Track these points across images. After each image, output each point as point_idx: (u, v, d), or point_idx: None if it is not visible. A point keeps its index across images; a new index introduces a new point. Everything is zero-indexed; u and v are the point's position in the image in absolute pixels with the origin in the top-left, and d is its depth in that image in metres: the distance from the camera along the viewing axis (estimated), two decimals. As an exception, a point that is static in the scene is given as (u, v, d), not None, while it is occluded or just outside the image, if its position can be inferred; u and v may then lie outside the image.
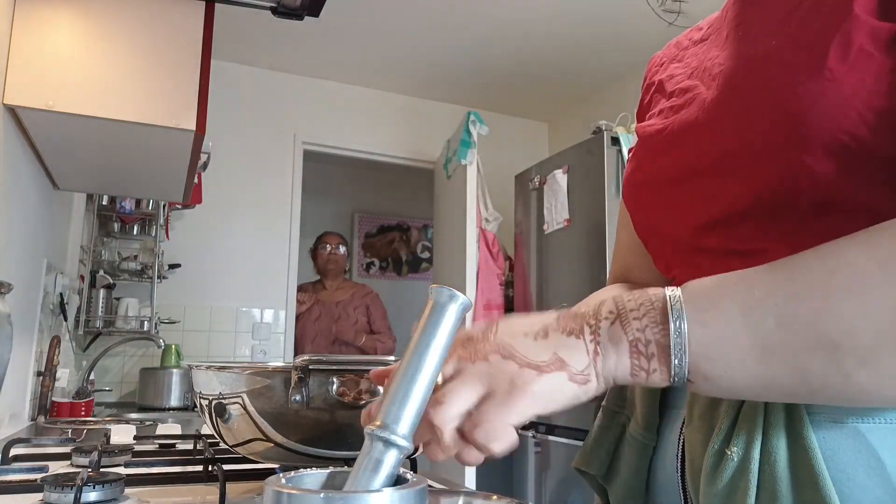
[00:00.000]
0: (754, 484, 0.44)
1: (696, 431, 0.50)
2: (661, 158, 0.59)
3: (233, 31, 3.09)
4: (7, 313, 0.90)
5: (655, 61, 0.71)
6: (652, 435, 0.57)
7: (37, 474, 0.84)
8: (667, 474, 0.55)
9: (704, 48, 0.62)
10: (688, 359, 0.41)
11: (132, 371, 3.12)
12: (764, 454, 0.45)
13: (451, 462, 0.43)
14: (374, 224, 5.30)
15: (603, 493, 0.62)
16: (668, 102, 0.61)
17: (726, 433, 0.47)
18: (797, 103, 0.45)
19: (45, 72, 1.31)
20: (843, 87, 0.43)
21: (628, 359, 0.43)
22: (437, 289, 0.42)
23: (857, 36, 0.43)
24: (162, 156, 1.58)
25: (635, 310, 0.43)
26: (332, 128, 3.71)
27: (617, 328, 0.43)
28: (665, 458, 0.56)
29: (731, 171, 0.50)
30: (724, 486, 0.46)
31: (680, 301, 0.42)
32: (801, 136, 0.45)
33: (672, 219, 0.56)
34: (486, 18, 3.05)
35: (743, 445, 0.46)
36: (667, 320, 0.41)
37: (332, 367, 0.65)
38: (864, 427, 0.44)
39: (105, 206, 2.85)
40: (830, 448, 0.44)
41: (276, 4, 1.40)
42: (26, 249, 1.60)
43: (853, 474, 0.43)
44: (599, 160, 2.60)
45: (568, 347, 0.43)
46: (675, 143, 0.57)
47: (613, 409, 0.62)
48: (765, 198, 0.48)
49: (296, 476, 0.40)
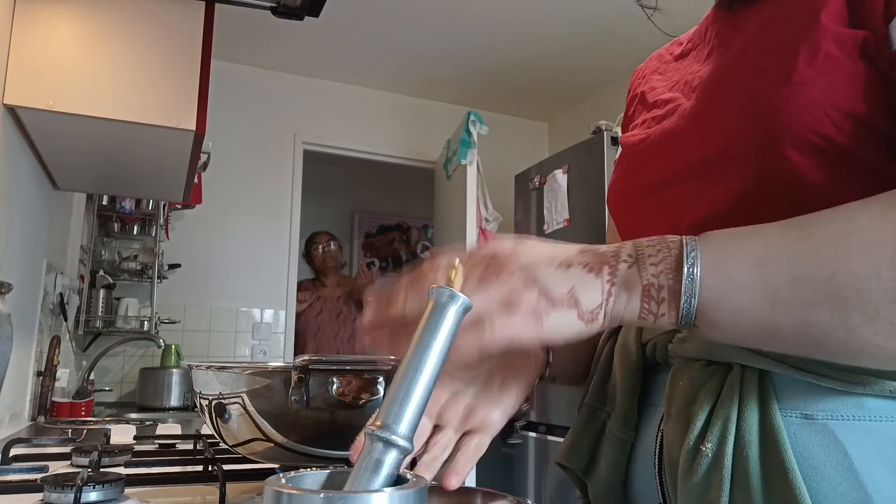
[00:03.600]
0: (728, 479, 0.45)
1: (673, 428, 0.51)
2: (644, 167, 0.61)
3: (233, 31, 3.09)
4: (7, 313, 0.90)
5: (638, 74, 0.75)
6: (631, 431, 0.58)
7: (37, 474, 0.84)
8: (645, 470, 0.56)
9: (686, 63, 0.65)
10: (696, 304, 0.42)
11: (132, 371, 3.12)
12: (737, 449, 0.46)
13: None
14: (374, 224, 5.30)
15: (583, 487, 0.63)
16: (649, 114, 0.65)
17: (701, 429, 0.48)
18: (769, 107, 0.48)
19: (45, 72, 1.31)
20: (812, 91, 0.46)
21: (639, 302, 0.44)
22: (438, 289, 0.42)
23: (824, 42, 0.46)
24: (162, 156, 1.58)
25: (653, 255, 0.44)
26: (332, 128, 3.71)
27: (633, 271, 0.44)
28: (644, 455, 0.56)
29: (710, 176, 0.53)
30: (699, 481, 0.46)
31: (696, 248, 0.43)
32: (774, 138, 0.47)
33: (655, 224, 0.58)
34: (486, 19, 3.05)
35: (716, 441, 0.47)
36: (681, 266, 0.42)
37: (332, 367, 0.66)
38: (833, 424, 0.45)
39: (105, 206, 2.86)
40: (801, 443, 0.45)
41: (276, 4, 1.40)
42: (26, 249, 1.60)
43: (822, 469, 0.44)
44: (599, 160, 2.60)
45: (585, 284, 0.44)
46: (656, 151, 0.60)
47: (594, 406, 0.63)
48: (743, 199, 0.50)
49: (296, 476, 0.40)
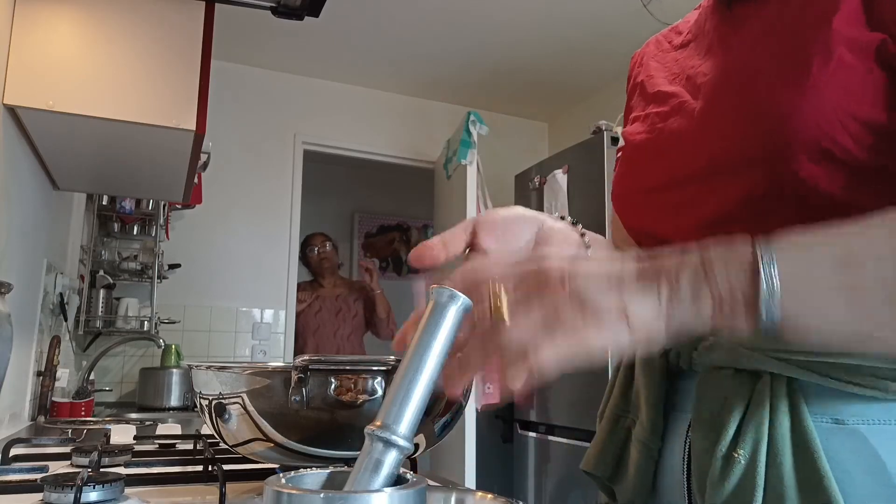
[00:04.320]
0: (761, 486, 0.45)
1: (702, 435, 0.50)
2: (650, 166, 0.61)
3: (233, 31, 3.09)
4: (7, 313, 0.90)
5: (636, 59, 0.73)
6: (657, 439, 0.57)
7: (37, 474, 0.84)
8: (673, 477, 0.55)
9: (685, 55, 0.65)
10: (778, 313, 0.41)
11: (132, 371, 3.12)
12: (770, 456, 0.46)
13: (452, 462, 0.43)
14: (374, 224, 5.30)
15: (610, 493, 0.62)
16: (651, 108, 0.64)
17: (733, 437, 0.48)
18: (780, 113, 0.47)
19: (45, 72, 1.31)
20: (825, 98, 0.46)
21: (710, 312, 0.42)
22: (438, 289, 0.42)
23: (836, 47, 0.46)
24: (162, 156, 1.58)
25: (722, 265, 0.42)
26: (332, 128, 3.71)
27: (701, 282, 0.42)
28: (671, 461, 0.56)
29: (719, 178, 0.52)
30: (731, 488, 0.46)
31: (772, 254, 0.41)
32: (784, 143, 0.47)
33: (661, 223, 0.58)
34: (486, 19, 3.05)
35: (750, 448, 0.46)
36: (757, 274, 0.41)
37: (331, 367, 0.66)
38: (865, 428, 0.45)
39: (105, 206, 2.86)
40: (831, 448, 0.45)
41: (276, 4, 1.40)
42: (26, 249, 1.60)
43: (853, 473, 0.44)
44: (599, 160, 2.60)
45: (638, 298, 0.42)
46: (662, 151, 0.59)
47: (618, 413, 0.63)
48: (752, 201, 0.50)
49: (296, 476, 0.40)
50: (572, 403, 2.65)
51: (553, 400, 2.77)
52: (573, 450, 2.60)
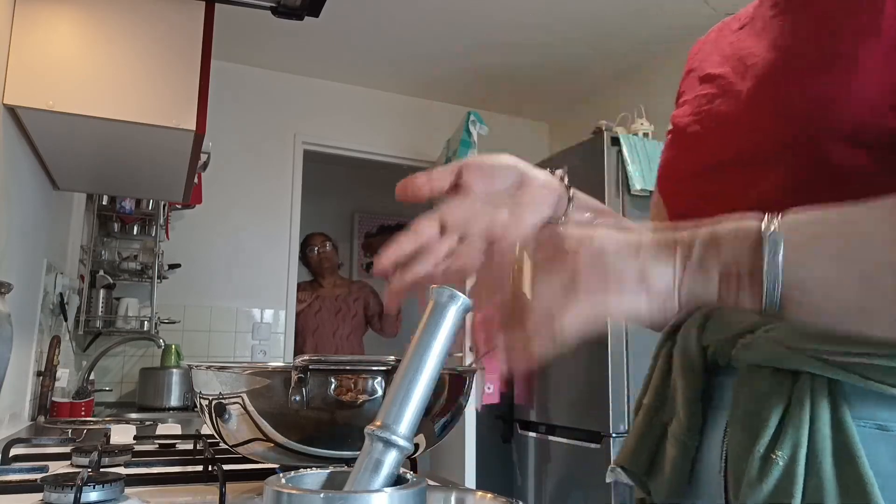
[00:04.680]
0: (800, 488, 0.44)
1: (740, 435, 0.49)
2: (695, 149, 0.61)
3: (233, 31, 3.09)
4: (7, 313, 0.90)
5: (696, 47, 0.73)
6: (695, 435, 0.56)
7: (37, 474, 0.84)
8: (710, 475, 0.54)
9: (741, 36, 0.64)
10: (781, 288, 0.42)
11: (132, 371, 3.12)
12: (810, 458, 0.45)
13: (452, 462, 0.43)
14: (374, 224, 5.30)
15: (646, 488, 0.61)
16: (700, 89, 0.64)
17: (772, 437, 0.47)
18: (828, 96, 0.47)
19: (45, 72, 1.31)
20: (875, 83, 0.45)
21: (717, 284, 0.43)
22: (438, 289, 0.42)
23: (889, 32, 0.45)
24: (162, 156, 1.58)
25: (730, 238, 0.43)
26: (332, 128, 3.71)
27: (711, 254, 0.44)
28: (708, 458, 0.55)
29: (764, 162, 0.52)
30: (769, 489, 0.45)
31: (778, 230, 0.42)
32: (831, 129, 0.47)
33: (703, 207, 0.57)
34: (486, 18, 3.05)
35: (789, 450, 0.45)
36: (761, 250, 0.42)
37: (331, 367, 0.65)
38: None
39: (105, 206, 2.86)
40: (872, 454, 0.44)
41: (276, 4, 1.40)
42: (26, 249, 1.60)
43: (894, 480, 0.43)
44: (599, 160, 2.60)
45: (654, 266, 0.44)
46: (709, 134, 0.59)
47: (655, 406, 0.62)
48: (798, 188, 0.50)
49: (296, 476, 0.40)
50: (572, 403, 2.65)
51: (553, 400, 2.77)
52: (573, 450, 2.60)
